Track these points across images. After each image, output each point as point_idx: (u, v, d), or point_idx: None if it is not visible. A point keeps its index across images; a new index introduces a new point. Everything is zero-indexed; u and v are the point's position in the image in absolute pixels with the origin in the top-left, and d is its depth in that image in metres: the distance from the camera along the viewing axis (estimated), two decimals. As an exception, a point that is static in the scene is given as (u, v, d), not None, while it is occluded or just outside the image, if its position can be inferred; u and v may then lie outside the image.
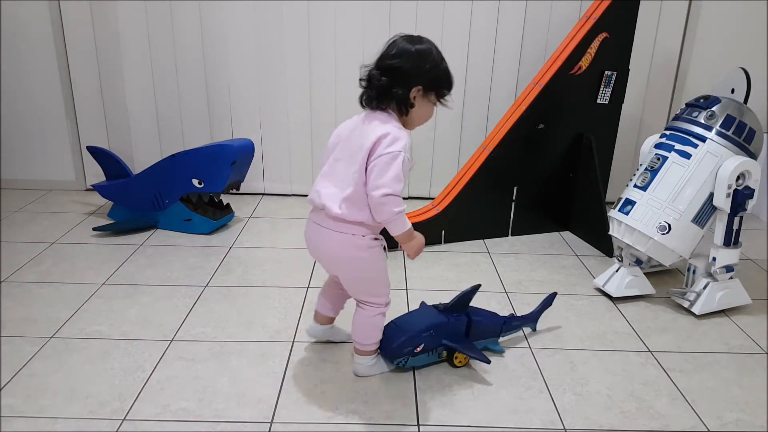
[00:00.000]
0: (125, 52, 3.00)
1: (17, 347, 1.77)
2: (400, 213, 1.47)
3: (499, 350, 1.80)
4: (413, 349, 1.64)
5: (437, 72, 1.52)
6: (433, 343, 1.67)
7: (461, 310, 1.73)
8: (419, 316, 1.73)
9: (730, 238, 2.02)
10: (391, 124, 1.50)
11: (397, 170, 1.43)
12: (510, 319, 1.86)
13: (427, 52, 1.50)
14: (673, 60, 3.04)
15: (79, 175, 3.22)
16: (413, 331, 1.64)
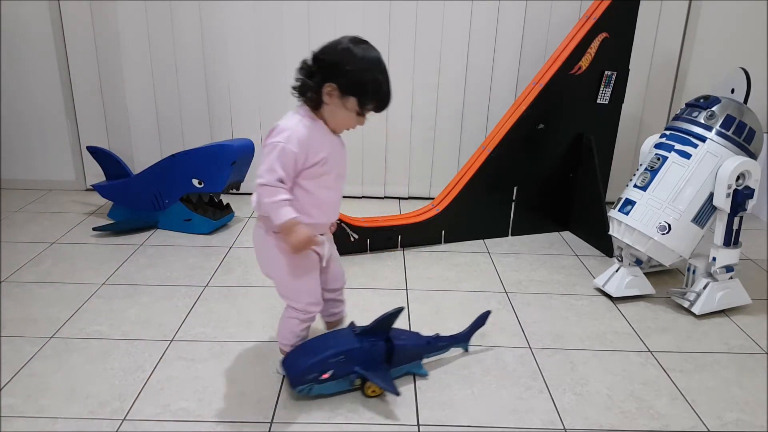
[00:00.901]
0: (125, 52, 3.00)
1: (17, 347, 1.77)
2: (272, 204, 1.40)
3: (423, 373, 1.66)
4: (319, 376, 1.51)
5: (361, 77, 1.41)
6: (344, 369, 1.53)
7: (380, 334, 1.59)
8: (332, 339, 1.59)
9: (730, 238, 2.01)
10: (293, 116, 1.47)
11: (271, 161, 1.40)
12: (435, 339, 1.71)
13: (357, 55, 1.43)
14: (673, 60, 3.04)
15: (79, 175, 3.22)
16: (322, 355, 1.52)
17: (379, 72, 1.45)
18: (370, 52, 1.46)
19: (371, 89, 1.43)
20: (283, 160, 1.40)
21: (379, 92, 1.44)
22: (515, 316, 2.02)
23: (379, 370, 1.56)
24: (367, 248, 2.51)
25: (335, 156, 1.50)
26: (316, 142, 1.45)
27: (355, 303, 2.08)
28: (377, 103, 1.46)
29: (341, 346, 1.54)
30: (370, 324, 1.59)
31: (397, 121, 3.09)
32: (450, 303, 2.10)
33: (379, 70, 1.45)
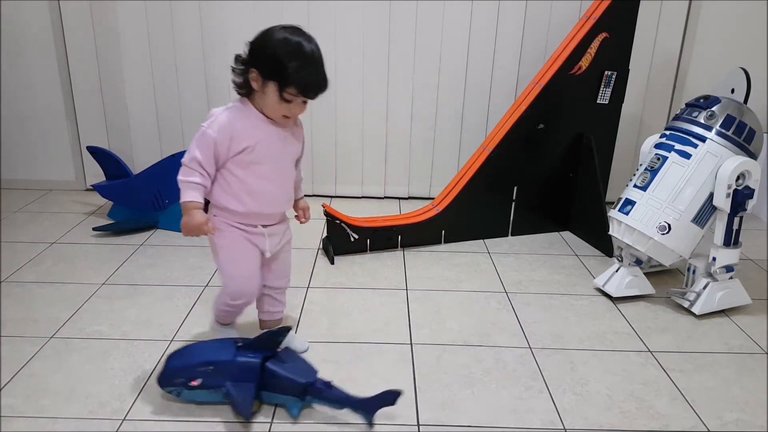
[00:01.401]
0: (125, 52, 3.00)
1: (17, 347, 1.77)
2: (183, 183, 1.46)
3: (293, 414, 1.49)
4: (188, 382, 1.47)
5: (278, 60, 1.39)
6: (214, 381, 1.47)
7: (262, 351, 1.50)
8: (211, 348, 1.53)
9: (730, 238, 2.02)
10: (228, 104, 1.51)
11: (193, 143, 1.47)
12: (324, 387, 1.48)
13: (277, 39, 1.41)
14: (673, 60, 3.04)
15: (79, 175, 3.22)
16: (191, 362, 1.48)
17: (300, 55, 1.41)
18: (294, 36, 1.42)
19: (290, 73, 1.40)
20: (201, 143, 1.45)
21: (297, 75, 1.40)
22: (515, 316, 2.02)
23: (246, 389, 1.46)
24: (367, 248, 2.51)
25: (268, 146, 1.50)
26: (241, 130, 1.46)
27: (355, 303, 2.08)
28: (300, 88, 1.42)
29: (213, 356, 1.48)
30: (252, 339, 1.51)
31: (397, 121, 3.09)
32: (450, 303, 2.10)
33: (300, 53, 1.41)
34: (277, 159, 1.54)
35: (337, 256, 2.43)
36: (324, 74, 1.45)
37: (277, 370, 1.48)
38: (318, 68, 1.44)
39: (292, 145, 1.58)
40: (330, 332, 1.89)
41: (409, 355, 1.78)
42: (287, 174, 1.59)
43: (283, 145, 1.54)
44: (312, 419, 1.50)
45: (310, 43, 1.43)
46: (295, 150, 1.60)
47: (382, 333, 1.89)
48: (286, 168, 1.58)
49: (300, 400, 1.49)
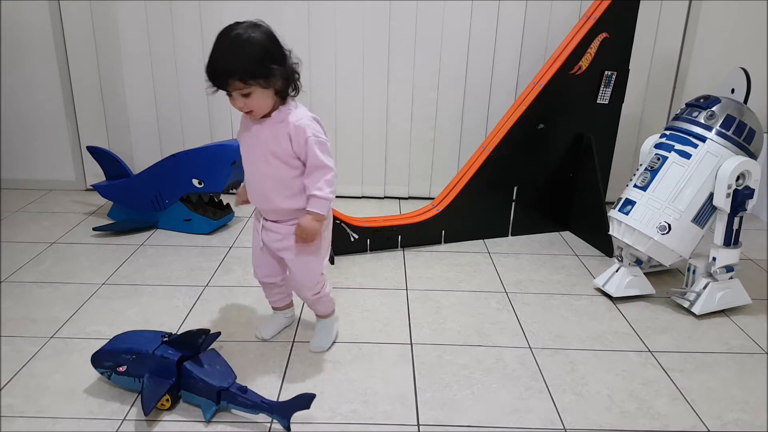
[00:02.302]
0: (125, 52, 3.00)
1: (17, 347, 1.77)
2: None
3: (206, 418, 1.48)
4: (116, 366, 1.52)
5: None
6: (137, 370, 1.51)
7: (183, 349, 1.51)
8: (141, 337, 1.57)
9: (730, 238, 2.02)
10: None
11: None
12: (238, 392, 1.47)
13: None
14: (673, 60, 3.04)
15: (79, 175, 3.22)
16: (118, 347, 1.54)
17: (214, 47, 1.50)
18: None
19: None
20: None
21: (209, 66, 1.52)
22: (515, 316, 2.02)
23: (158, 384, 1.48)
24: (367, 248, 2.51)
25: (242, 140, 1.70)
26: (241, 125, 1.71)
27: (355, 303, 2.08)
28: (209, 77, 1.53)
29: (137, 346, 1.52)
30: (176, 336, 1.54)
31: (397, 121, 3.09)
32: (450, 303, 2.10)
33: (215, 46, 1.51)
34: (246, 152, 1.67)
35: (337, 256, 2.43)
36: (213, 60, 1.53)
37: (192, 371, 1.49)
38: (211, 56, 1.52)
39: (264, 142, 1.58)
40: (330, 332, 1.89)
41: (409, 355, 1.78)
42: (259, 169, 1.61)
43: (252, 140, 1.61)
44: (312, 419, 1.50)
45: (224, 33, 1.55)
46: (266, 147, 1.58)
47: (382, 333, 1.89)
48: (256, 163, 1.62)
49: (214, 404, 1.48)
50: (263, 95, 1.51)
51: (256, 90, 1.49)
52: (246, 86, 1.49)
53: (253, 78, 1.48)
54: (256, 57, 1.48)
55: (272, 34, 1.55)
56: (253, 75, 1.47)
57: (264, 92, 1.50)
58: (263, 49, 1.49)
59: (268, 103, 1.53)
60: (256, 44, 1.50)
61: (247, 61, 1.48)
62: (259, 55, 1.48)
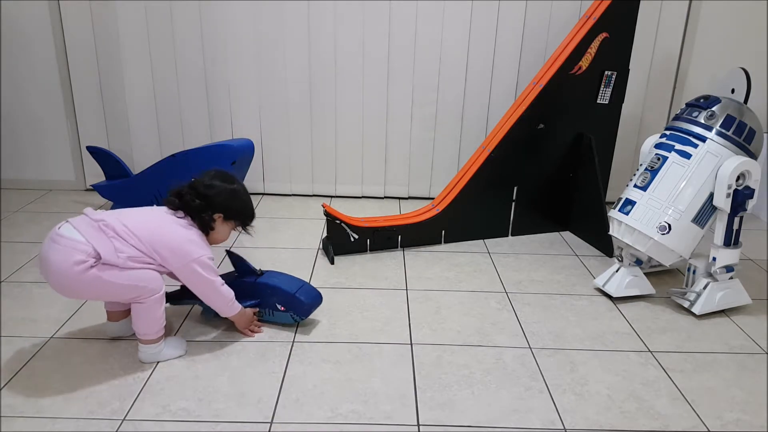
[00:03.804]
0: (125, 52, 3.00)
1: (17, 347, 1.77)
2: (232, 302, 1.83)
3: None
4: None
5: (243, 209, 1.85)
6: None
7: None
8: (277, 276, 1.94)
9: (730, 238, 2.02)
10: (189, 232, 1.75)
11: (209, 273, 1.75)
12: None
13: (230, 190, 1.80)
14: (673, 60, 3.04)
15: (79, 175, 3.22)
16: (300, 280, 1.94)
17: (245, 199, 1.87)
18: (237, 185, 1.84)
19: (248, 214, 1.88)
20: (212, 269, 1.74)
21: (251, 213, 1.89)
22: (515, 316, 2.02)
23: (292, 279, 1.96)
24: (367, 248, 2.51)
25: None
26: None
27: (355, 303, 2.08)
28: (250, 220, 1.90)
29: (283, 284, 1.89)
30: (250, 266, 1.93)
31: (397, 121, 3.09)
32: (450, 303, 2.10)
33: (245, 198, 1.87)
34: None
35: (337, 256, 2.43)
36: (251, 204, 1.89)
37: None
38: (250, 203, 1.88)
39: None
40: (330, 332, 1.89)
41: (409, 355, 1.78)
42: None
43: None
44: (312, 419, 1.50)
45: (241, 188, 1.85)
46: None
47: (382, 333, 1.89)
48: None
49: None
50: None
51: None
52: None
53: None
54: None
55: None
56: None
57: None
58: None
59: None
60: None
61: None
62: None
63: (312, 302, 1.90)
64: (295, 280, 1.93)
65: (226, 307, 1.79)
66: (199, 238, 1.73)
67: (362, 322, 1.96)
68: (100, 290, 1.61)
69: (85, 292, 1.63)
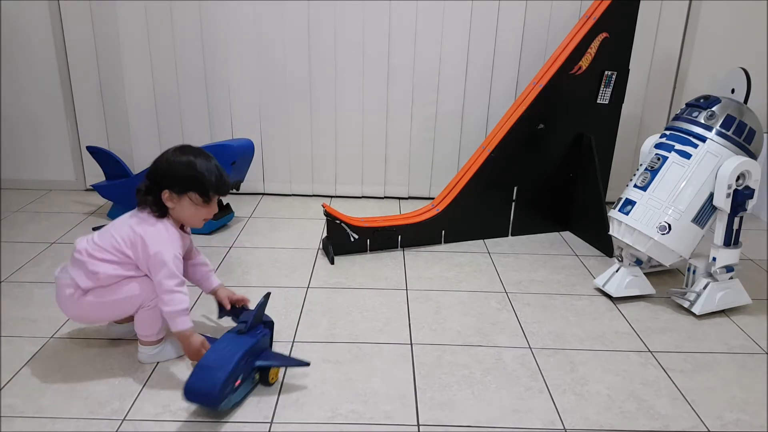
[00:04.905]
0: (125, 52, 3.00)
1: (17, 347, 1.77)
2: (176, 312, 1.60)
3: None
4: (233, 386, 1.48)
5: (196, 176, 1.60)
6: (248, 369, 1.54)
7: (261, 323, 1.65)
8: (227, 348, 1.53)
9: (730, 238, 2.02)
10: (155, 223, 1.64)
11: (169, 266, 1.59)
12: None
13: (180, 161, 1.61)
14: (673, 60, 3.04)
15: (79, 175, 3.22)
16: (230, 366, 1.47)
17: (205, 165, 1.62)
18: (194, 155, 1.63)
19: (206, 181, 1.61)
20: (178, 264, 1.59)
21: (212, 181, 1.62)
22: (515, 316, 2.02)
23: (274, 356, 1.68)
24: (367, 248, 2.51)
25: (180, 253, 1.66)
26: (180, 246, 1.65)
27: (355, 303, 2.08)
28: (216, 190, 1.64)
29: (241, 349, 1.51)
30: (252, 319, 1.59)
31: (397, 121, 3.09)
32: (450, 303, 2.10)
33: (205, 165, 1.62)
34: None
35: (337, 256, 2.43)
36: (219, 172, 1.65)
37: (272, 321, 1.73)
38: (221, 170, 1.65)
39: (186, 245, 1.74)
40: (330, 332, 1.89)
41: (409, 355, 1.78)
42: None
43: (183, 249, 1.70)
44: (312, 419, 1.50)
45: (205, 153, 1.64)
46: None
47: (382, 333, 1.89)
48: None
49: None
50: None
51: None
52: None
53: None
54: None
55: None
56: None
57: None
58: None
59: None
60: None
61: None
62: None
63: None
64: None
65: (169, 317, 1.57)
66: (157, 232, 1.58)
67: (362, 322, 1.96)
68: (102, 311, 1.66)
69: (92, 315, 1.70)
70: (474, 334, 1.91)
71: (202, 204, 1.62)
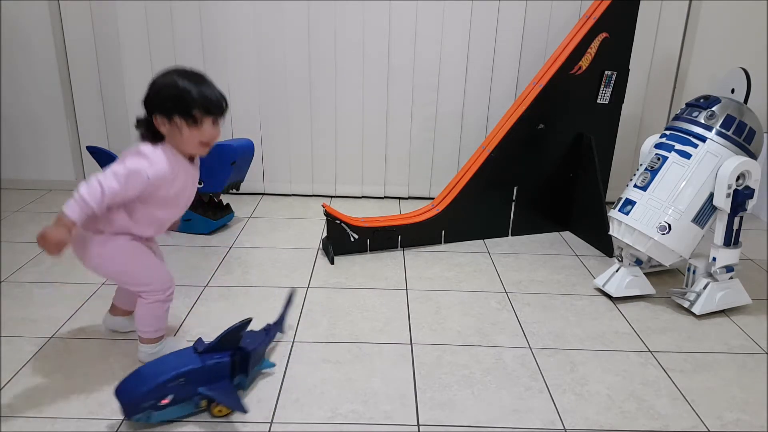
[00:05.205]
0: (125, 52, 3.00)
1: (17, 347, 1.77)
2: (82, 199, 1.43)
3: (271, 365, 1.67)
4: (157, 402, 1.40)
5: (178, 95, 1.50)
6: (186, 392, 1.43)
7: (227, 348, 1.51)
8: (172, 361, 1.46)
9: (730, 238, 2.01)
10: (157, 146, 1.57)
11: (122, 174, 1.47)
12: (269, 329, 1.72)
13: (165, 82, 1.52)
14: (673, 60, 3.04)
15: (79, 175, 3.22)
16: (158, 380, 1.39)
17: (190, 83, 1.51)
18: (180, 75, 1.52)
19: (189, 99, 1.49)
20: (131, 181, 1.46)
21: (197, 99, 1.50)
22: (515, 316, 2.02)
23: (225, 388, 1.48)
24: (367, 248, 2.51)
25: (186, 187, 1.63)
26: (174, 176, 1.55)
27: (355, 303, 2.08)
28: (203, 108, 1.51)
29: (181, 367, 1.43)
30: (215, 341, 1.48)
31: (397, 121, 3.09)
32: (450, 303, 2.10)
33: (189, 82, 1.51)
34: (188, 202, 1.69)
35: (337, 256, 2.43)
36: (219, 92, 1.54)
37: (257, 347, 1.60)
38: (211, 87, 1.53)
39: (197, 178, 1.71)
40: (330, 332, 1.89)
41: (409, 355, 1.78)
42: (190, 201, 1.71)
43: (193, 182, 1.67)
44: (312, 419, 1.50)
45: (195, 73, 1.54)
46: (196, 180, 1.71)
47: (382, 333, 1.89)
48: (191, 197, 1.70)
49: (264, 360, 1.62)
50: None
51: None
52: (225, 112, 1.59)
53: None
54: None
55: None
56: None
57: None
58: None
59: None
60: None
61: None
62: None
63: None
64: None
65: (75, 197, 1.42)
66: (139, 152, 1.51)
67: (362, 322, 1.96)
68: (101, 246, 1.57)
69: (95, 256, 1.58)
70: (474, 334, 1.91)
71: (189, 126, 1.51)
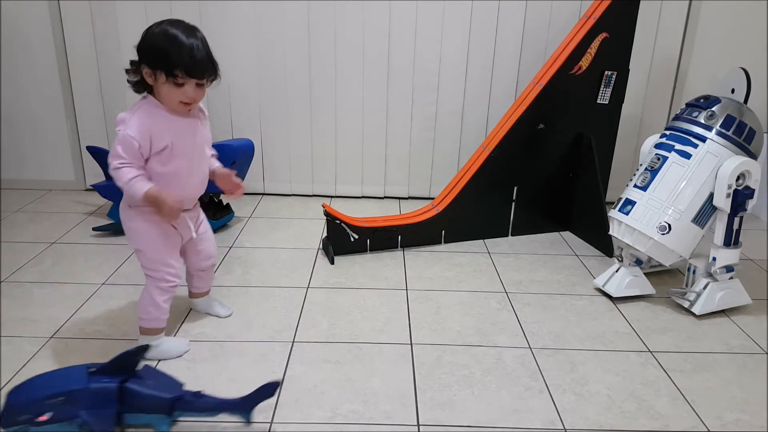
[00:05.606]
0: (125, 52, 3.00)
1: (17, 347, 1.77)
2: (127, 182, 1.51)
3: (164, 430, 1.43)
4: (34, 418, 1.33)
5: (163, 49, 1.54)
6: (66, 413, 1.35)
7: (119, 374, 1.40)
8: (60, 378, 1.40)
9: (730, 238, 2.02)
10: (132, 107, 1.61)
11: (116, 148, 1.51)
12: (193, 398, 1.44)
13: (155, 32, 1.58)
14: (673, 60, 3.04)
15: (79, 175, 3.22)
16: (38, 395, 1.34)
17: (177, 40, 1.52)
18: (173, 26, 1.56)
19: (172, 56, 1.51)
20: (125, 146, 1.50)
21: (179, 58, 1.50)
22: (515, 316, 2.02)
23: (103, 415, 1.38)
24: (367, 248, 2.51)
25: (183, 142, 1.58)
26: (155, 129, 1.53)
27: (355, 303, 2.08)
28: (184, 69, 1.50)
29: (63, 386, 1.36)
30: (106, 363, 1.40)
31: (397, 121, 3.09)
32: (450, 303, 2.10)
33: (177, 39, 1.53)
34: (193, 151, 1.63)
35: (337, 256, 2.43)
36: (206, 55, 1.53)
37: (139, 390, 1.40)
38: (198, 50, 1.51)
39: (202, 133, 1.66)
40: (330, 332, 1.89)
41: (409, 355, 1.78)
42: (204, 162, 1.69)
43: (194, 136, 1.63)
44: (312, 419, 1.50)
45: (188, 30, 1.54)
46: (206, 137, 1.68)
47: (382, 333, 1.89)
48: (202, 157, 1.68)
49: (168, 417, 1.42)
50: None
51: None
52: (213, 77, 1.57)
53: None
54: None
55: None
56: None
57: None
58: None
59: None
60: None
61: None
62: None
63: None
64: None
65: (126, 190, 1.52)
66: (128, 114, 1.57)
67: (362, 322, 1.96)
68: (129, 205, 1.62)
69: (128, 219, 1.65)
70: (474, 334, 1.91)
71: (170, 84, 1.51)
